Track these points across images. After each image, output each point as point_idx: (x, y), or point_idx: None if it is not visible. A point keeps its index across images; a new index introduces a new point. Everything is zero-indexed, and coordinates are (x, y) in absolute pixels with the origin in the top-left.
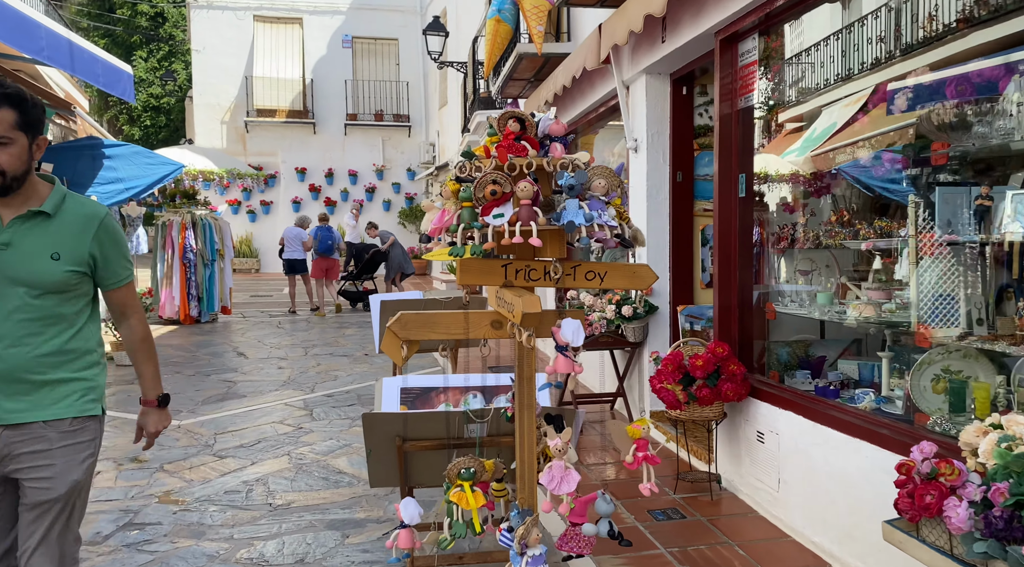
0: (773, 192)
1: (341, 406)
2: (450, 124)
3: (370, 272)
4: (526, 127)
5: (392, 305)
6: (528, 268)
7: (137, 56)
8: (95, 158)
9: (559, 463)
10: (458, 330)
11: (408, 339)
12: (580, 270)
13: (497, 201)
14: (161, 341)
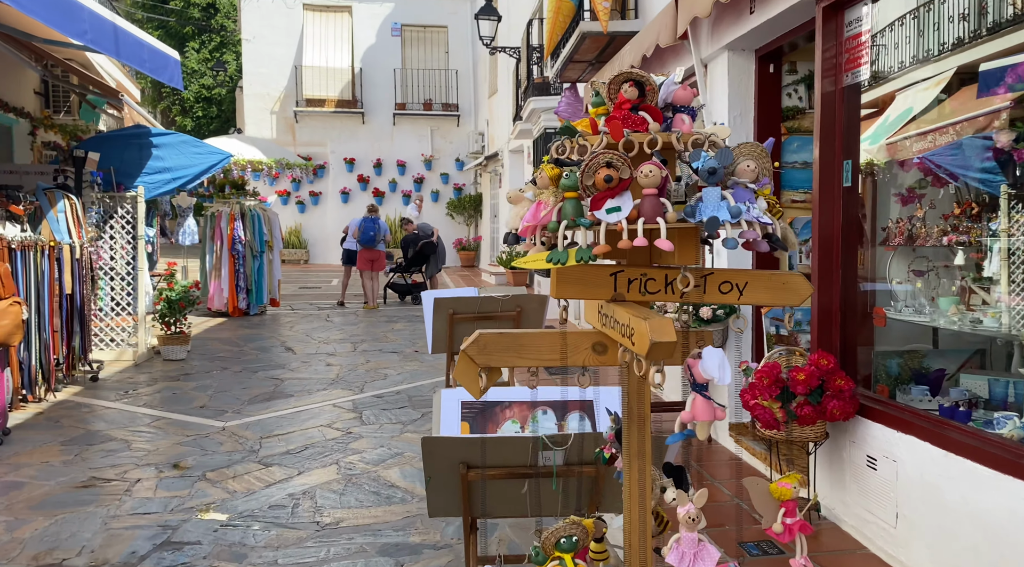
0: (884, 181)
1: (391, 409)
2: (500, 113)
3: (419, 264)
4: (646, 93)
5: (446, 303)
6: (644, 278)
7: (190, 47)
8: (142, 148)
9: (690, 535)
10: (551, 355)
11: (488, 366)
12: (712, 280)
13: (612, 191)
14: (209, 334)
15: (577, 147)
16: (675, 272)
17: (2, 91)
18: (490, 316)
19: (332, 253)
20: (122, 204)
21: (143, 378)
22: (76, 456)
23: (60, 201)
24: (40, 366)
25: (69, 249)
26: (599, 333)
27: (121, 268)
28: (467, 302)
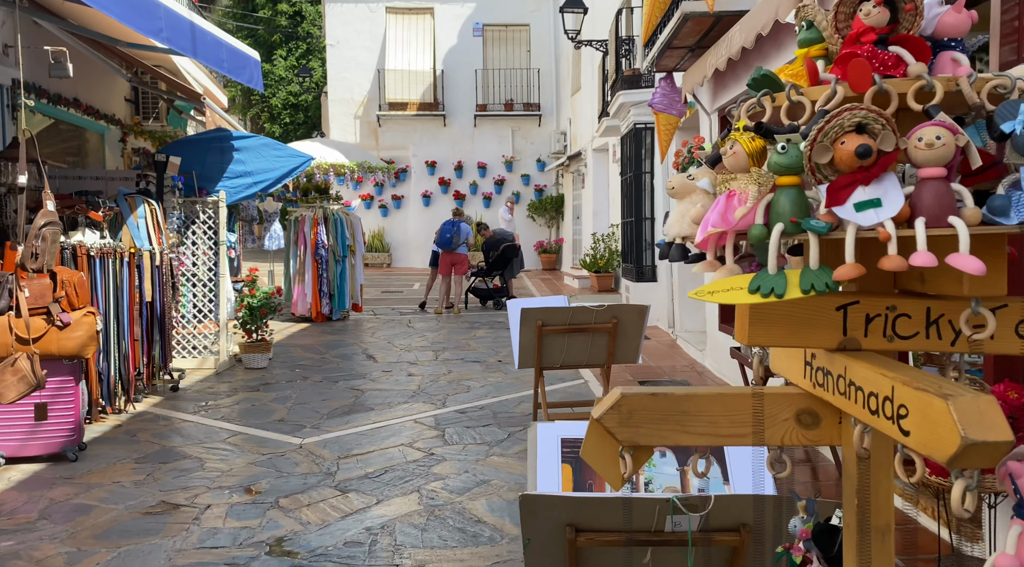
0: None
1: (475, 427)
2: (583, 111)
3: (500, 268)
4: (899, 18)
5: (534, 314)
6: (893, 313)
7: (277, 55)
8: (223, 151)
9: None
10: (734, 427)
11: (636, 444)
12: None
13: (865, 173)
14: (292, 341)
15: (787, 106)
16: (948, 305)
17: (95, 99)
18: (583, 328)
19: (414, 256)
20: (204, 209)
21: (223, 388)
22: (148, 476)
23: (140, 206)
24: (119, 377)
25: (149, 256)
26: (806, 396)
27: (203, 274)
28: (557, 313)
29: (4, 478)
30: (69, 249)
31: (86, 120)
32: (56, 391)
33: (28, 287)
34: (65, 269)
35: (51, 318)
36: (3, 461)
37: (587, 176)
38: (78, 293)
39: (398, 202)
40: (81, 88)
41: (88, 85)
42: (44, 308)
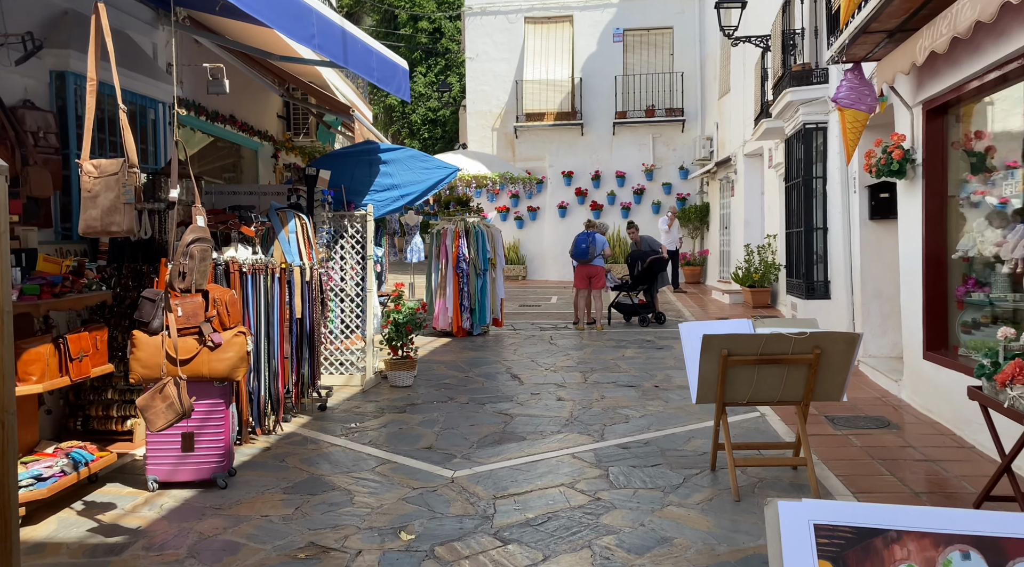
0: None
1: (643, 466)
2: (733, 114)
3: (646, 283)
4: None
5: (718, 341)
6: None
7: (417, 72)
8: (371, 164)
9: None
10: None
11: None
12: None
13: None
14: (434, 356)
15: None
16: None
17: (249, 116)
18: (777, 359)
19: (550, 269)
20: (352, 223)
21: (370, 408)
22: (297, 509)
23: (292, 221)
24: (269, 397)
25: (300, 271)
26: None
27: (350, 290)
28: (747, 341)
29: (156, 505)
30: (222, 265)
31: (241, 136)
32: (206, 415)
33: (181, 306)
34: (217, 287)
35: (202, 338)
36: (156, 486)
37: (737, 183)
38: (229, 312)
39: (533, 214)
40: (237, 105)
41: (243, 102)
42: (195, 328)
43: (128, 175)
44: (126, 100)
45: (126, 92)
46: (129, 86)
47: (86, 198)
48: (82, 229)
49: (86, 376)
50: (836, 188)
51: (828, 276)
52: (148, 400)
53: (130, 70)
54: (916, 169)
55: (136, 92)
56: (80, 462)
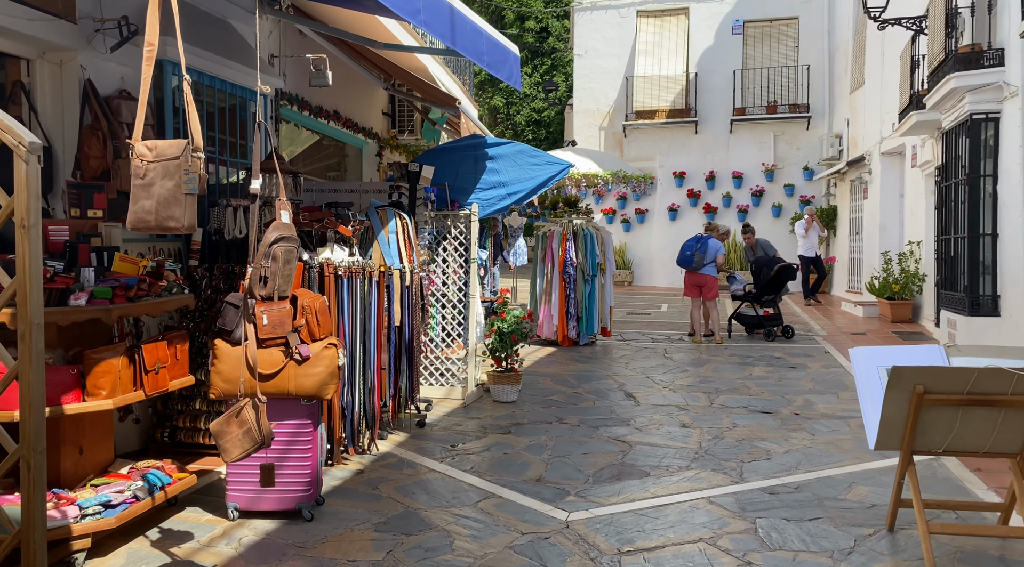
0: None
1: (799, 520)
2: (867, 109)
3: (773, 292)
4: None
5: (912, 375)
6: None
7: (523, 72)
8: (477, 160)
9: None
10: None
11: None
12: None
13: None
14: (539, 368)
15: None
16: None
17: (353, 112)
18: (990, 401)
19: (658, 274)
20: (455, 223)
21: (471, 426)
22: (389, 554)
23: (392, 221)
24: (364, 413)
25: (399, 275)
26: None
27: (452, 295)
28: (951, 376)
29: (235, 539)
30: (316, 267)
31: (345, 133)
32: (291, 437)
33: (267, 313)
34: (306, 292)
35: (289, 351)
36: (236, 515)
37: (872, 184)
38: (320, 321)
39: (641, 216)
40: (341, 101)
41: (347, 98)
42: (282, 338)
43: (192, 161)
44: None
45: (225, 83)
46: (229, 77)
47: (138, 186)
48: (131, 223)
49: (163, 390)
50: (1016, 187)
51: (998, 290)
52: (223, 425)
53: (230, 59)
54: None
55: (236, 83)
56: (156, 485)
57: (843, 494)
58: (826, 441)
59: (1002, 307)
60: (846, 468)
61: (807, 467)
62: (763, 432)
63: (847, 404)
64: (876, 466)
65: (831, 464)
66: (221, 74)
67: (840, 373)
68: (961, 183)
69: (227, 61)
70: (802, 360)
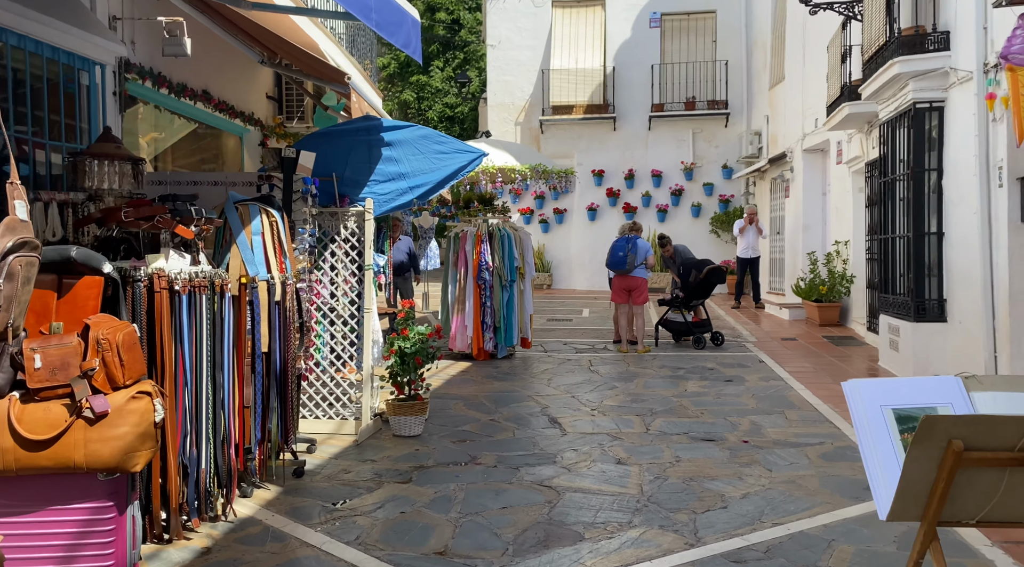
0: None
1: None
2: (786, 105)
3: (703, 296)
4: None
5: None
6: None
7: (434, 66)
8: (372, 146)
9: None
10: None
11: None
12: None
13: None
14: (451, 389)
15: None
16: None
17: (232, 94)
18: None
19: (577, 277)
20: (345, 222)
21: (364, 472)
22: None
23: (256, 219)
24: (215, 469)
25: (267, 288)
26: None
27: (343, 309)
28: (1000, 428)
29: None
30: (144, 281)
31: (219, 118)
32: (82, 529)
33: (41, 352)
34: (104, 320)
35: (76, 404)
36: None
37: (793, 182)
38: (124, 360)
39: (560, 216)
40: (213, 79)
41: (221, 77)
42: (66, 387)
43: None
44: (46, 57)
45: (46, 46)
46: (54, 39)
47: None
48: None
49: None
50: (967, 182)
51: (944, 293)
52: None
53: (55, 18)
54: None
55: (63, 48)
56: None
57: (824, 559)
58: (787, 479)
59: (949, 312)
60: (819, 518)
61: (772, 517)
62: (712, 468)
63: (798, 427)
64: (852, 514)
65: (800, 512)
66: (42, 35)
67: (781, 387)
68: (900, 178)
69: (51, 20)
70: (737, 371)
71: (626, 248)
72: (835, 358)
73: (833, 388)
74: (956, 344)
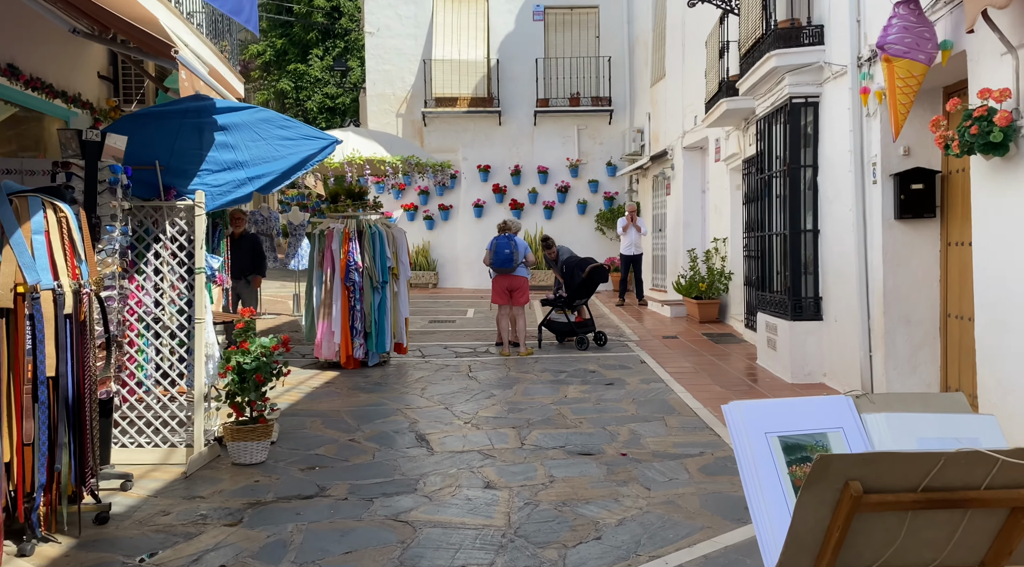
0: None
1: None
2: (669, 102)
3: (586, 296)
4: None
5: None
6: None
7: (313, 55)
8: (203, 130)
9: None
10: None
11: None
12: None
13: None
14: (310, 404)
15: None
16: None
17: (52, 73)
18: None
19: (464, 276)
20: (172, 218)
21: (186, 515)
22: None
23: (38, 215)
24: None
25: (52, 298)
26: None
27: (171, 319)
28: (903, 466)
29: None
30: None
31: (34, 98)
32: None
33: None
34: None
35: None
36: None
37: (674, 180)
38: None
39: (445, 213)
40: (24, 53)
41: (37, 50)
42: None
43: None
44: None
45: None
46: None
47: None
48: None
49: None
50: (842, 179)
51: (820, 291)
52: None
53: None
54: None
55: None
56: None
57: None
58: (666, 500)
59: (825, 310)
60: (699, 547)
61: (649, 549)
62: (587, 488)
63: (677, 435)
64: (735, 539)
65: (678, 540)
66: None
67: (661, 389)
68: (777, 175)
69: None
70: (619, 374)
71: (510, 246)
72: (715, 357)
73: (713, 389)
74: (832, 343)
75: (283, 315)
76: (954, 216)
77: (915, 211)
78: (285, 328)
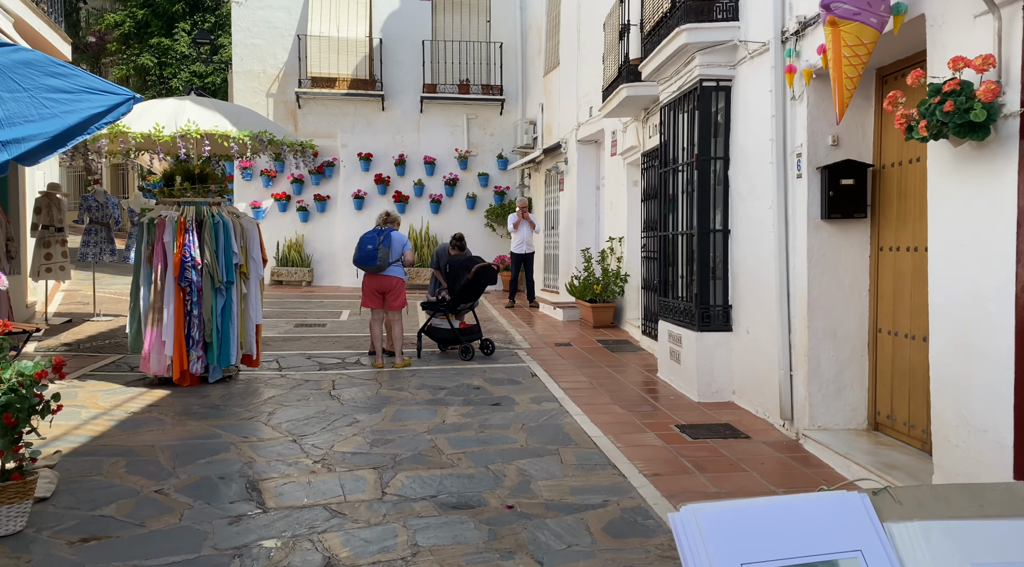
0: None
1: None
2: (563, 93)
3: (471, 299)
4: None
5: None
6: None
7: (179, 29)
8: None
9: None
10: None
11: None
12: None
13: None
14: (117, 437)
15: None
16: None
17: None
18: None
19: (342, 273)
20: None
21: None
22: None
23: None
24: None
25: None
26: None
27: None
28: None
29: None
30: None
31: None
32: None
33: None
34: None
35: None
36: None
37: (568, 174)
38: None
39: (322, 204)
40: None
41: None
42: None
43: None
44: None
45: None
46: None
47: None
48: None
49: None
50: (758, 173)
51: (729, 299)
52: None
53: None
54: (1007, 122)
55: None
56: None
57: None
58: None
59: (735, 319)
60: None
61: None
62: (461, 564)
63: (575, 475)
64: None
65: None
66: None
67: (555, 411)
68: (682, 169)
69: None
70: (507, 390)
71: (376, 241)
72: (612, 368)
73: (613, 410)
74: (743, 357)
75: (122, 317)
76: (887, 217)
77: (844, 210)
78: (119, 334)
